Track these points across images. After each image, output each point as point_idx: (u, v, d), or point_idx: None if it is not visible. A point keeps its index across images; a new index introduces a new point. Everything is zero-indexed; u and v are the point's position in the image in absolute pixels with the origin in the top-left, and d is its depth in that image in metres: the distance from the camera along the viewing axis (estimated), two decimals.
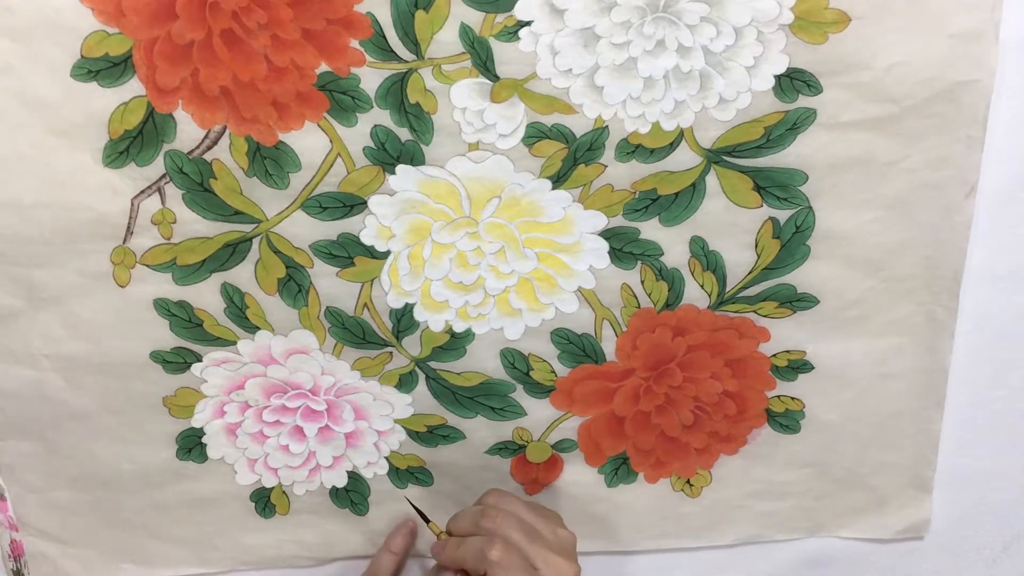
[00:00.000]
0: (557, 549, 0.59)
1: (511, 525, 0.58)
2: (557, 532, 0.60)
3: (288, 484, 0.68)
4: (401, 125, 0.57)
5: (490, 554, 0.57)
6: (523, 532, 0.58)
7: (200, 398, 0.64)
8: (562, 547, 0.59)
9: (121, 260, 0.59)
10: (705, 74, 0.55)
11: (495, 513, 0.59)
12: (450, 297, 0.61)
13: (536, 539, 0.58)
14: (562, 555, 0.58)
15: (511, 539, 0.58)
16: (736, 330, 0.63)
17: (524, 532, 0.58)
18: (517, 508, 0.60)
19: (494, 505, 0.61)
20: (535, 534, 0.59)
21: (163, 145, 0.56)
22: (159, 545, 0.69)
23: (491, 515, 0.59)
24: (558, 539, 0.60)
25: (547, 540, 0.59)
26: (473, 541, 0.59)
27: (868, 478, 0.68)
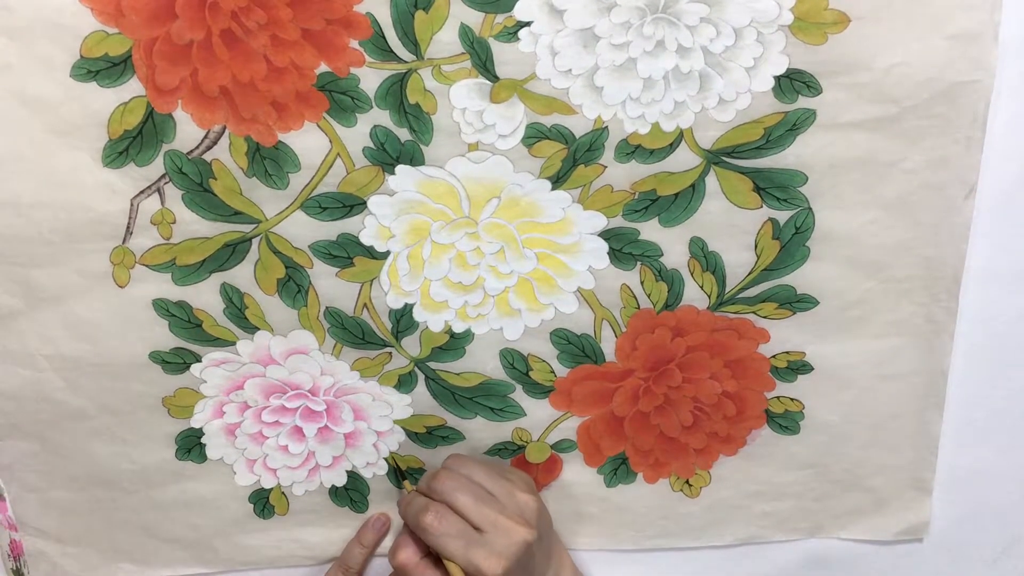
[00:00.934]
0: (511, 512, 0.59)
1: (459, 487, 0.59)
2: (515, 495, 0.60)
3: (287, 485, 0.68)
4: (401, 125, 0.57)
5: (423, 520, 0.58)
6: (471, 494, 0.58)
7: (199, 398, 0.64)
8: (518, 510, 0.59)
9: (120, 260, 0.59)
10: (705, 75, 0.55)
11: (445, 475, 0.60)
12: (449, 297, 0.61)
13: (486, 501, 0.59)
14: (515, 519, 0.58)
15: (456, 502, 0.58)
16: (736, 331, 0.63)
17: (472, 494, 0.58)
18: (472, 470, 0.61)
19: (448, 467, 0.61)
20: (486, 497, 0.59)
21: (162, 145, 0.56)
22: (158, 545, 0.69)
23: (441, 476, 0.60)
24: (515, 502, 0.60)
25: (500, 503, 0.59)
26: (416, 502, 0.60)
27: (867, 479, 0.68)
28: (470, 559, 0.57)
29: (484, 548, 0.57)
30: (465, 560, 0.57)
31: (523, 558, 0.58)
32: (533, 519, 0.60)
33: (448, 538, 0.57)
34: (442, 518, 0.58)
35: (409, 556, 0.60)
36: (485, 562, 0.57)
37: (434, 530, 0.58)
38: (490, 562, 0.57)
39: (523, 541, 0.58)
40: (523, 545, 0.58)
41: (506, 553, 0.57)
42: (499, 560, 0.57)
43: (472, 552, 0.57)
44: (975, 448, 0.68)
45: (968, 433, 0.67)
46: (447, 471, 0.61)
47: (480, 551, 0.57)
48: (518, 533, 0.58)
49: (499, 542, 0.57)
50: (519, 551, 0.58)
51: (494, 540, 0.57)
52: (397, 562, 0.61)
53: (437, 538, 0.58)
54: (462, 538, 0.57)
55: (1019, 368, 0.66)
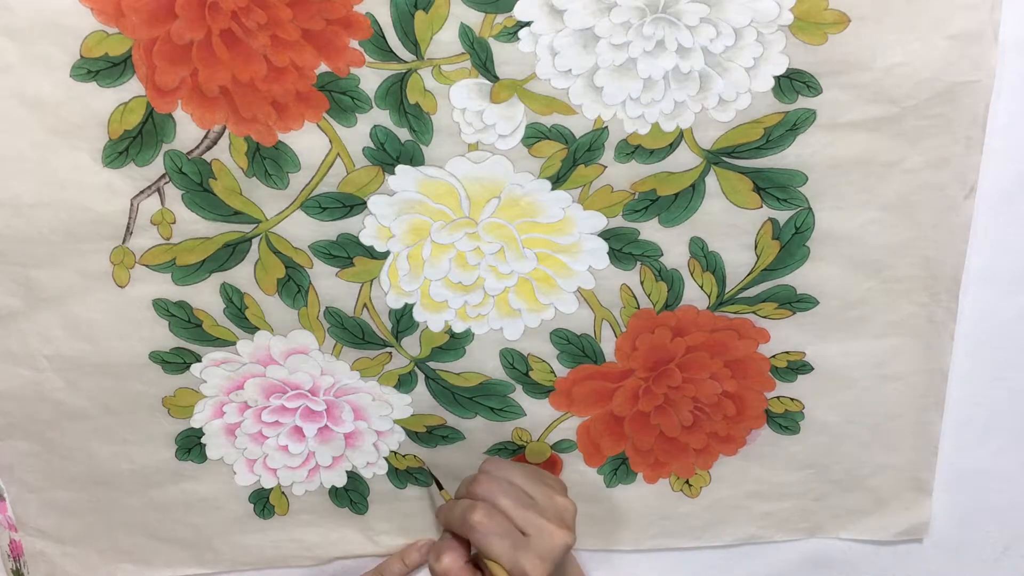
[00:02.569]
0: (551, 516, 0.58)
1: (501, 490, 0.58)
2: (554, 499, 0.60)
3: (287, 484, 0.68)
4: (401, 125, 0.57)
5: (471, 517, 0.57)
6: (513, 498, 0.58)
7: (199, 398, 0.64)
8: (558, 515, 0.59)
9: (120, 260, 0.59)
10: (705, 75, 0.55)
11: (486, 479, 0.59)
12: (449, 297, 0.61)
13: (528, 505, 0.58)
14: (556, 522, 0.58)
15: (499, 504, 0.58)
16: (735, 331, 0.63)
17: (514, 498, 0.58)
18: (512, 474, 0.60)
19: (487, 471, 0.61)
20: (527, 500, 0.59)
21: (162, 145, 0.56)
22: (158, 545, 0.69)
23: (481, 480, 0.59)
24: (554, 506, 0.59)
25: (540, 507, 0.59)
26: (460, 503, 0.59)
27: (867, 479, 0.68)
28: (517, 561, 0.56)
29: (529, 551, 0.57)
30: (512, 561, 0.56)
31: (560, 561, 0.58)
32: (572, 523, 0.60)
33: (496, 537, 0.57)
34: (490, 517, 0.57)
35: (453, 561, 0.59)
36: (530, 564, 0.56)
37: (483, 528, 0.57)
38: (534, 564, 0.56)
39: (564, 545, 0.58)
40: (564, 549, 0.58)
41: (550, 556, 0.57)
42: (543, 563, 0.57)
43: (519, 554, 0.56)
44: (975, 448, 0.68)
45: (968, 433, 0.67)
46: (487, 475, 0.60)
47: (526, 553, 0.56)
48: (560, 537, 0.58)
49: (543, 545, 0.57)
50: (560, 555, 0.58)
51: (539, 543, 0.57)
52: (441, 567, 0.59)
53: (485, 536, 0.57)
54: (509, 538, 0.57)
55: (1019, 368, 0.66)
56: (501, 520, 0.57)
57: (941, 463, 0.68)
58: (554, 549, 0.57)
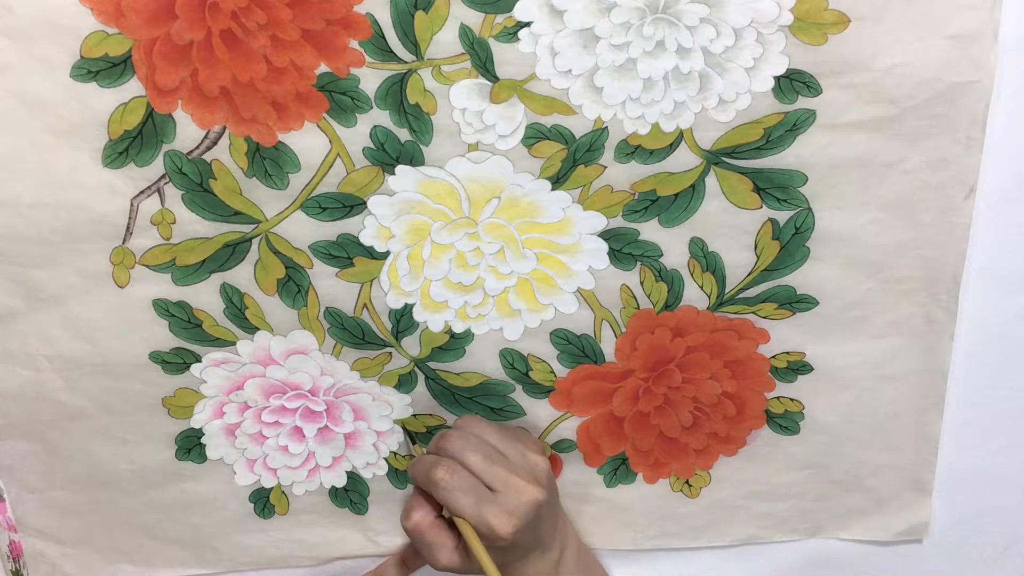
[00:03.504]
0: (523, 472, 0.58)
1: (469, 446, 0.58)
2: (527, 456, 0.59)
3: (287, 484, 0.68)
4: (400, 126, 0.57)
5: (434, 474, 0.57)
6: (481, 454, 0.58)
7: (199, 399, 0.64)
8: (529, 471, 0.59)
9: (120, 260, 0.59)
10: (704, 75, 0.55)
11: (456, 434, 0.59)
12: (449, 297, 0.61)
13: (497, 461, 0.58)
14: (526, 478, 0.57)
15: (466, 460, 0.57)
16: (735, 331, 0.63)
17: (483, 454, 0.58)
18: (484, 431, 0.60)
19: (458, 427, 0.60)
20: (497, 456, 0.58)
21: (162, 145, 0.56)
22: (158, 546, 0.69)
23: (451, 436, 0.59)
24: (526, 462, 0.59)
25: (511, 463, 0.58)
26: (426, 459, 0.59)
27: (867, 480, 0.68)
28: (481, 516, 0.56)
29: (495, 506, 0.56)
30: (476, 516, 0.56)
31: (533, 519, 0.57)
32: (544, 480, 0.59)
33: (459, 493, 0.56)
34: (453, 473, 0.57)
35: (422, 517, 0.59)
36: (496, 519, 0.56)
37: (445, 484, 0.56)
38: (501, 520, 0.56)
39: (534, 500, 0.57)
40: (534, 504, 0.57)
41: (517, 512, 0.56)
42: (510, 518, 0.56)
43: (483, 509, 0.56)
44: (975, 448, 0.68)
45: (968, 433, 0.67)
46: (457, 430, 0.60)
47: (491, 508, 0.56)
48: (529, 492, 0.57)
49: (511, 501, 0.57)
50: (530, 510, 0.57)
51: (506, 499, 0.57)
52: (410, 524, 0.59)
53: (448, 493, 0.56)
54: (473, 494, 0.56)
55: (1019, 368, 0.66)
56: (465, 476, 0.57)
57: (941, 463, 0.68)
58: (523, 504, 0.57)
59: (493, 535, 0.56)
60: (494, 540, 0.57)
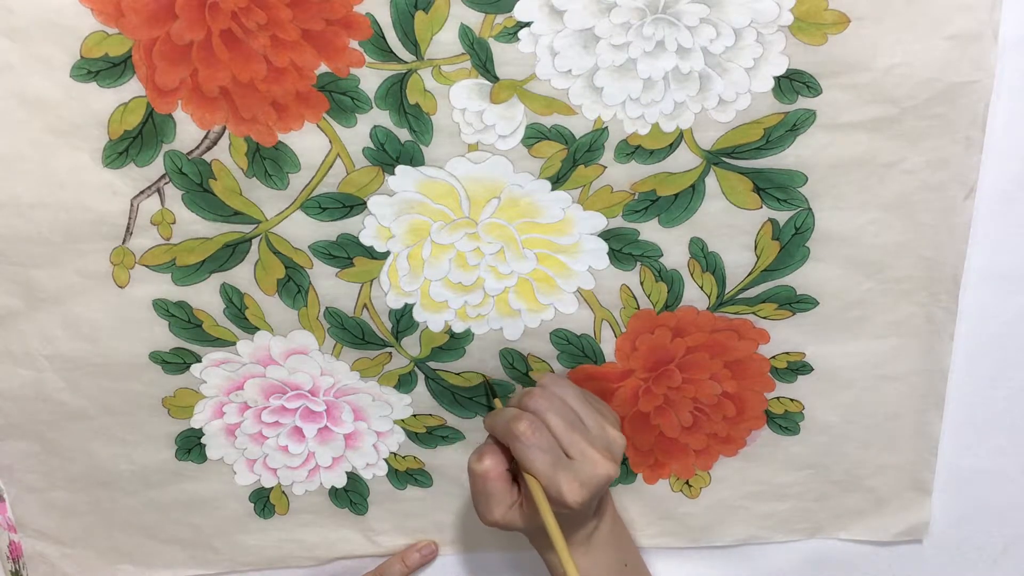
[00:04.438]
0: (599, 445, 0.56)
1: (553, 408, 0.56)
2: (605, 429, 0.57)
3: (287, 484, 0.68)
4: (400, 126, 0.57)
5: (516, 426, 0.55)
6: (563, 417, 0.56)
7: (199, 399, 0.64)
8: (606, 444, 0.57)
9: (120, 260, 0.59)
10: (704, 75, 0.55)
11: (541, 392, 0.57)
12: (449, 297, 0.61)
13: (577, 428, 0.56)
14: (602, 451, 0.56)
15: (548, 420, 0.56)
16: (735, 331, 0.63)
17: (564, 418, 0.56)
18: (567, 394, 0.58)
19: (544, 385, 0.59)
20: (577, 423, 0.57)
21: (162, 145, 0.56)
22: (158, 546, 0.69)
23: (536, 393, 0.57)
24: (604, 435, 0.57)
25: (590, 433, 0.56)
26: (508, 411, 0.57)
27: (867, 480, 0.68)
28: (555, 479, 0.54)
29: (570, 472, 0.55)
30: (549, 479, 0.54)
31: (600, 492, 0.56)
32: (619, 457, 0.57)
33: (538, 451, 0.55)
34: (536, 430, 0.55)
35: (493, 465, 0.57)
36: (568, 487, 0.54)
37: (526, 439, 0.55)
38: (572, 488, 0.54)
39: (607, 475, 0.55)
40: (606, 480, 0.55)
41: (589, 484, 0.55)
42: (581, 489, 0.55)
43: (559, 473, 0.55)
44: (975, 448, 0.68)
45: (968, 433, 0.67)
46: (542, 388, 0.58)
47: (566, 474, 0.55)
48: (604, 467, 0.55)
49: (585, 471, 0.55)
50: (601, 484, 0.55)
51: (581, 468, 0.55)
52: (481, 468, 0.57)
53: (527, 449, 0.55)
54: (551, 455, 0.55)
55: (1019, 368, 0.66)
56: (547, 435, 0.55)
57: (941, 463, 0.68)
58: (595, 477, 0.55)
59: (562, 501, 0.55)
60: (560, 507, 0.55)
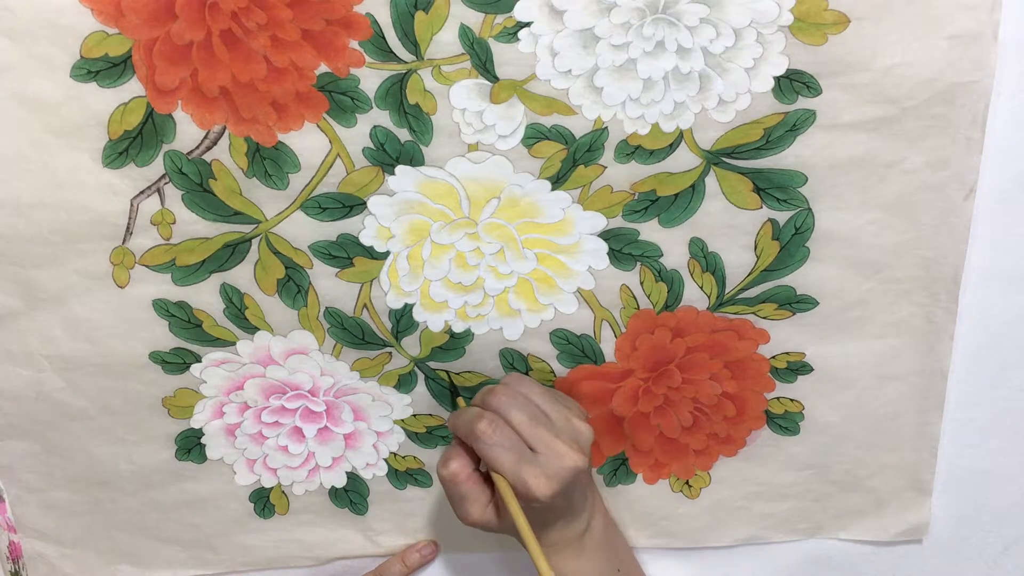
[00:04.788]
0: (565, 437, 0.57)
1: (515, 404, 0.57)
2: (571, 421, 0.58)
3: (287, 484, 0.68)
4: (400, 126, 0.57)
5: (477, 426, 0.55)
6: (526, 413, 0.56)
7: (199, 399, 0.64)
8: (572, 436, 0.57)
9: (120, 260, 0.59)
10: (704, 75, 0.55)
11: (503, 390, 0.58)
12: (449, 297, 0.61)
13: (541, 423, 0.56)
14: (568, 443, 0.56)
15: (510, 417, 0.56)
16: (735, 332, 0.63)
17: (528, 413, 0.56)
18: (530, 390, 0.58)
19: (506, 383, 0.59)
20: (541, 418, 0.57)
21: (162, 145, 0.56)
22: (157, 546, 0.69)
23: (498, 391, 0.57)
24: (570, 427, 0.57)
25: (555, 426, 0.57)
26: (470, 411, 0.57)
27: (867, 480, 0.68)
28: (520, 475, 0.55)
29: (535, 467, 0.55)
30: (515, 475, 0.55)
31: (570, 485, 0.56)
32: (586, 447, 0.58)
33: (501, 449, 0.55)
34: (496, 428, 0.55)
35: (460, 467, 0.58)
36: (534, 481, 0.55)
37: (487, 438, 0.55)
38: (539, 482, 0.55)
39: (574, 467, 0.56)
40: (573, 471, 0.56)
41: (557, 476, 0.55)
42: (548, 482, 0.55)
43: (523, 468, 0.55)
44: (975, 448, 0.68)
45: (968, 433, 0.67)
46: (504, 386, 0.58)
47: (531, 468, 0.55)
48: (570, 458, 0.55)
49: (551, 464, 0.55)
50: (568, 476, 0.56)
51: (546, 461, 0.55)
52: (448, 472, 0.58)
53: (489, 448, 0.55)
54: (515, 452, 0.55)
55: (1019, 368, 0.66)
56: (508, 433, 0.56)
57: (941, 463, 0.68)
58: (562, 470, 0.55)
59: (529, 496, 0.55)
60: (529, 501, 0.55)
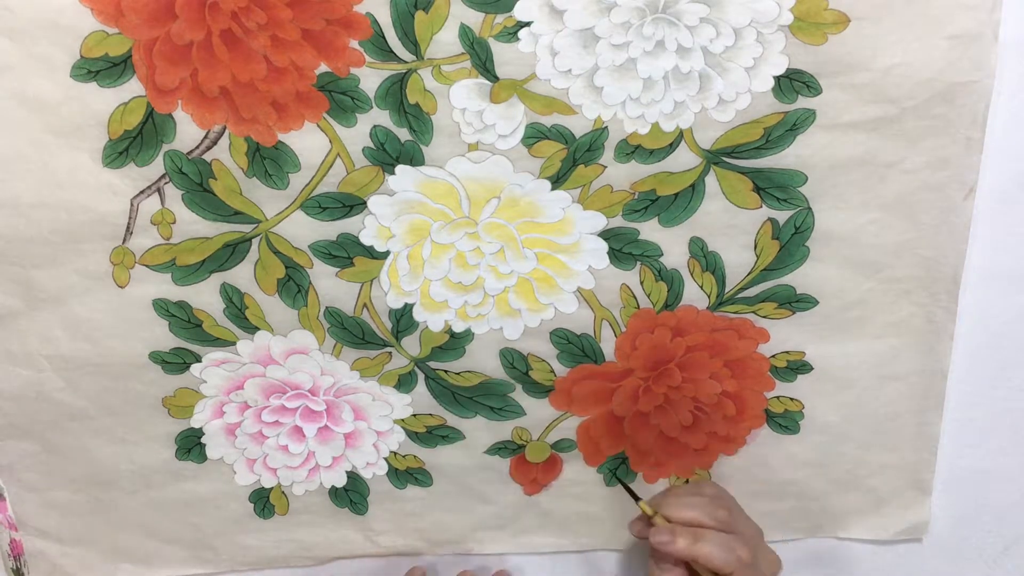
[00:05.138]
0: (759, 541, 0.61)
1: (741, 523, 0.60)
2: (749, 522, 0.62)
3: (287, 484, 0.68)
4: (400, 125, 0.57)
5: (744, 554, 0.57)
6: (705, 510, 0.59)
7: (199, 398, 0.64)
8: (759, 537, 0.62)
9: (120, 260, 0.59)
10: (704, 75, 0.55)
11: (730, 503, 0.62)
12: (449, 297, 0.61)
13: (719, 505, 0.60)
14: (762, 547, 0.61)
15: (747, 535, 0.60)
16: (735, 331, 0.63)
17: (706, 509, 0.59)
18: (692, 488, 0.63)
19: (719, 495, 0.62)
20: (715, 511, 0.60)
21: (163, 145, 0.56)
22: (157, 545, 0.69)
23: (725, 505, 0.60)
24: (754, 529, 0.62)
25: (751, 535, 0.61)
26: (720, 538, 0.58)
27: (867, 479, 0.68)
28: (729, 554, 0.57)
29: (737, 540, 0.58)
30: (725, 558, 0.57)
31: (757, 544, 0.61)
32: None
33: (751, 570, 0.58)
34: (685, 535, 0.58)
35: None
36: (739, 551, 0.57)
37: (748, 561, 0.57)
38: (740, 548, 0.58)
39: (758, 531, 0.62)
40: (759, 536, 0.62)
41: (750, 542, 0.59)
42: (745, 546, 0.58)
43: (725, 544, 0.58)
44: (975, 448, 0.68)
45: (968, 433, 0.67)
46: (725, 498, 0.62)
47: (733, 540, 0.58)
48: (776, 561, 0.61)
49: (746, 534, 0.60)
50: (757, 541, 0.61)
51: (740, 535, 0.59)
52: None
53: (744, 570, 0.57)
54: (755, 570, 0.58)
55: (1019, 368, 0.66)
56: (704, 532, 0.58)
57: (941, 463, 0.68)
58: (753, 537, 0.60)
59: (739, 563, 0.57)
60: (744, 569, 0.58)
